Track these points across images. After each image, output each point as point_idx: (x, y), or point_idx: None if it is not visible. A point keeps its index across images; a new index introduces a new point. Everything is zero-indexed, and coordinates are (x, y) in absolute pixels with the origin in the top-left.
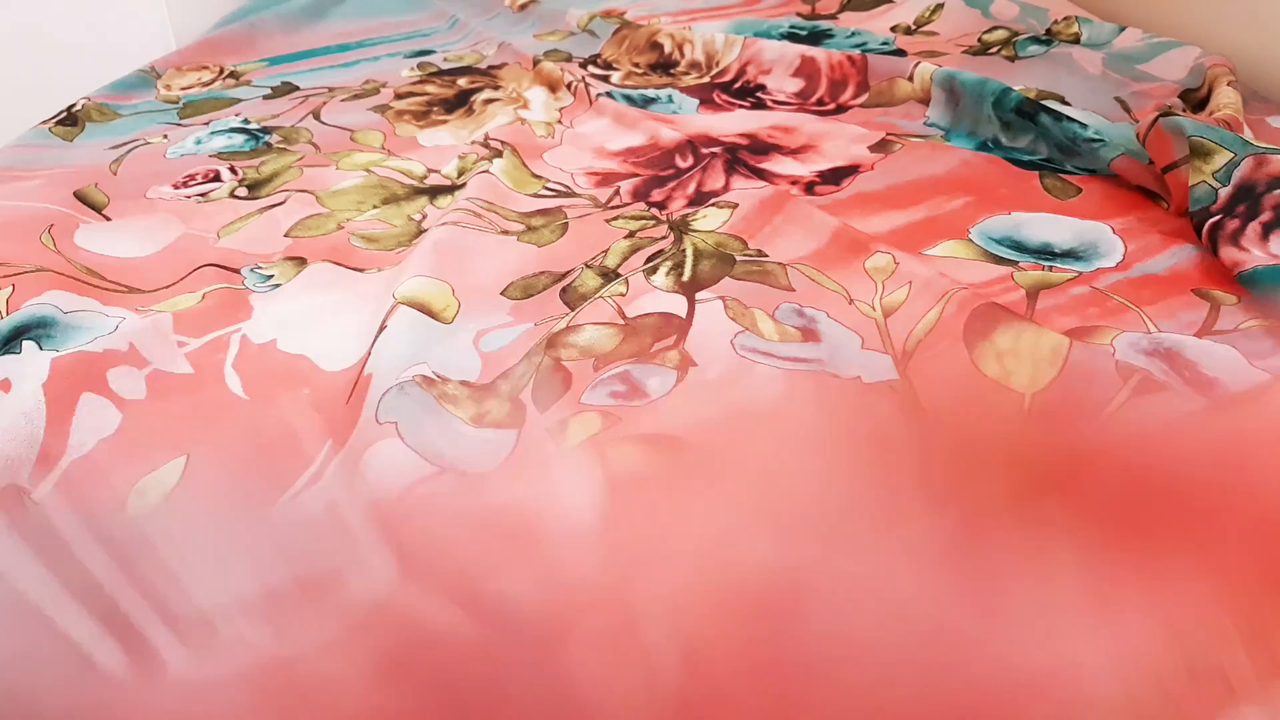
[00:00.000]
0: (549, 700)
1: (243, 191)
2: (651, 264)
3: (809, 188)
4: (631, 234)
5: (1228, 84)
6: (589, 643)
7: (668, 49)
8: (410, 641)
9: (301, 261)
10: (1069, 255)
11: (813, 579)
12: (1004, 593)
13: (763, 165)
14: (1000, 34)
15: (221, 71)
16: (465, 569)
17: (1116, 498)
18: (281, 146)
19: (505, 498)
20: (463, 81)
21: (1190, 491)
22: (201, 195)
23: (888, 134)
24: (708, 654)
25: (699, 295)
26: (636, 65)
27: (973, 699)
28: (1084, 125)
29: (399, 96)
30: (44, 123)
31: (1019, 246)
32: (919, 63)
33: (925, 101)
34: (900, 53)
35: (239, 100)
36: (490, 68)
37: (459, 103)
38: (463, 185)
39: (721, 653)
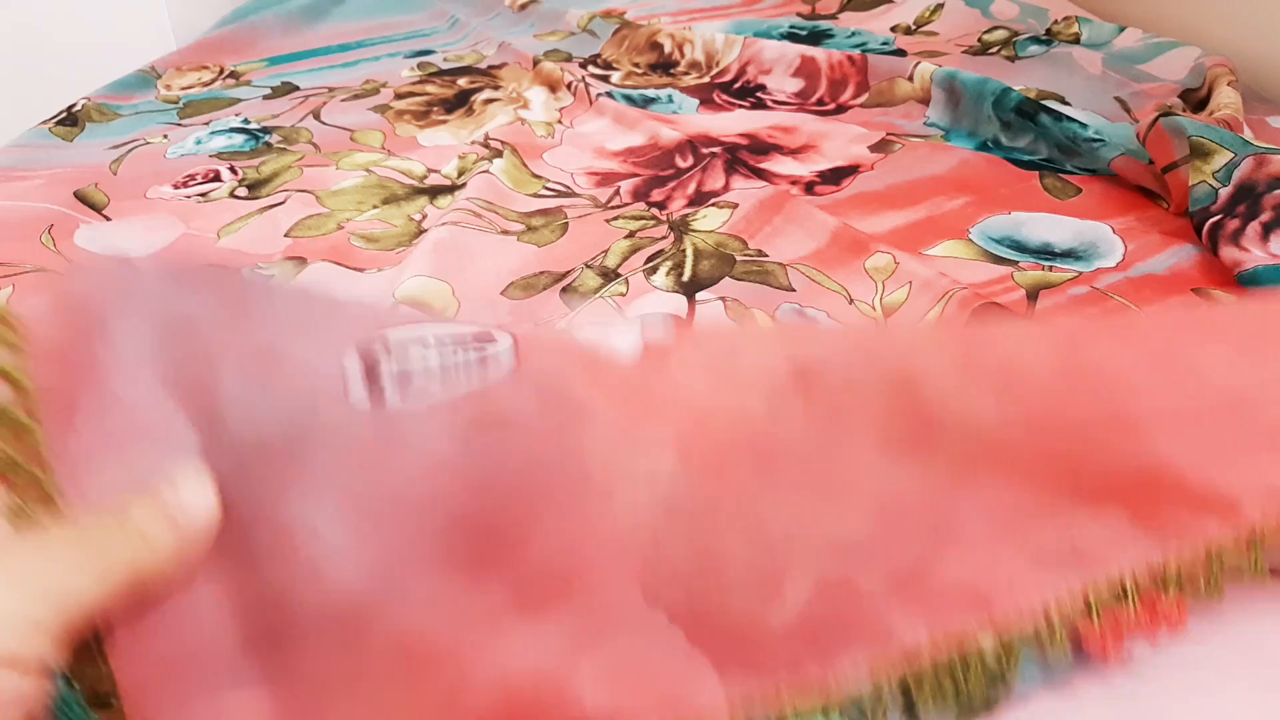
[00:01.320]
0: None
1: (243, 191)
2: (651, 264)
3: (809, 188)
4: (631, 234)
5: (1228, 84)
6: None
7: (668, 49)
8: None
9: (302, 261)
10: (1069, 255)
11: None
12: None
13: (763, 165)
14: (1000, 34)
15: (221, 71)
16: None
17: None
18: (281, 146)
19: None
20: (463, 81)
21: None
22: (201, 195)
23: (888, 134)
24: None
25: (699, 295)
26: (636, 65)
27: None
28: (1084, 125)
29: (399, 96)
30: (44, 123)
31: (1019, 246)
32: (919, 62)
33: (925, 101)
34: (900, 53)
35: (239, 100)
36: (490, 68)
37: (459, 103)
38: (463, 185)
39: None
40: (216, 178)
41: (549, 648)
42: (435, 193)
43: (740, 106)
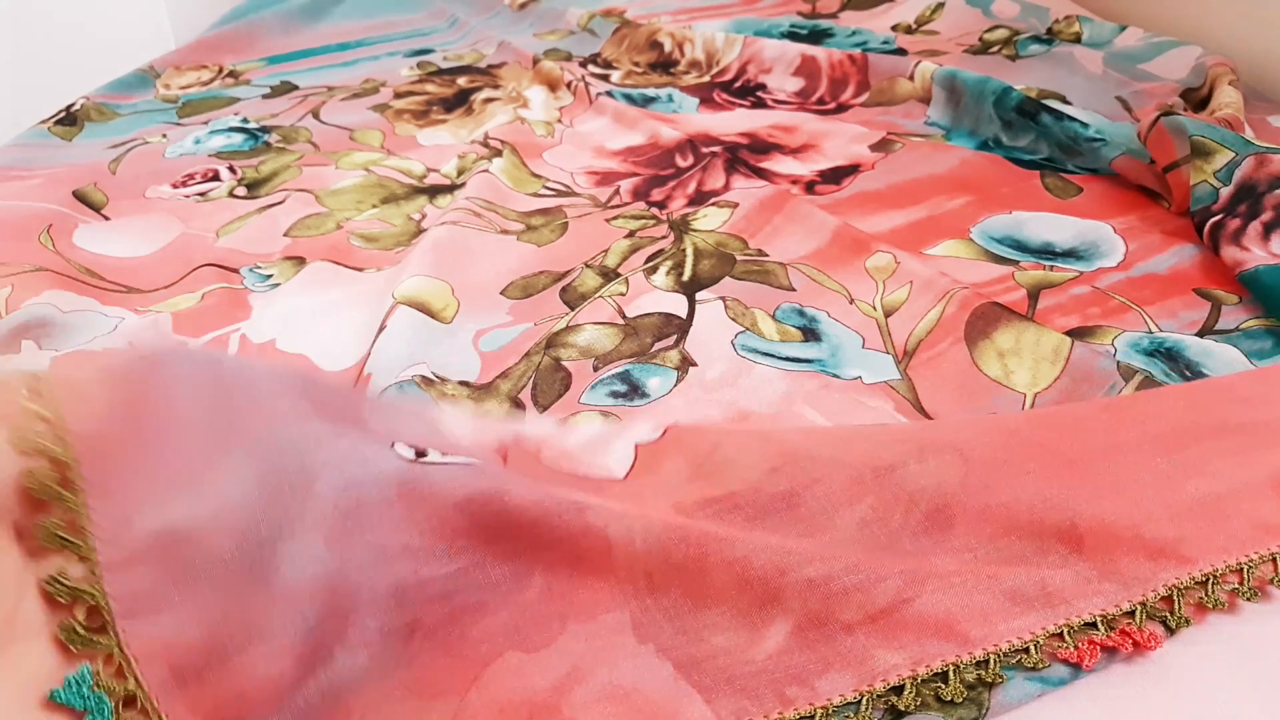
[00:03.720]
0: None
1: (242, 191)
2: (651, 263)
3: (809, 187)
4: (631, 233)
5: (1229, 83)
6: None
7: (668, 48)
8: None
9: (301, 261)
10: (1070, 254)
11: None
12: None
13: (763, 164)
14: (1001, 33)
15: (220, 71)
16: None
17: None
18: (280, 146)
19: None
20: (462, 81)
21: None
22: (200, 195)
23: (888, 133)
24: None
25: (699, 295)
26: (636, 64)
27: None
28: (1085, 124)
29: (398, 95)
30: (43, 122)
31: (1020, 246)
32: (920, 62)
33: (926, 100)
34: (901, 52)
35: (238, 99)
36: (490, 67)
37: (458, 102)
38: (462, 184)
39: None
40: (215, 177)
41: (545, 678)
42: (434, 192)
43: (740, 105)
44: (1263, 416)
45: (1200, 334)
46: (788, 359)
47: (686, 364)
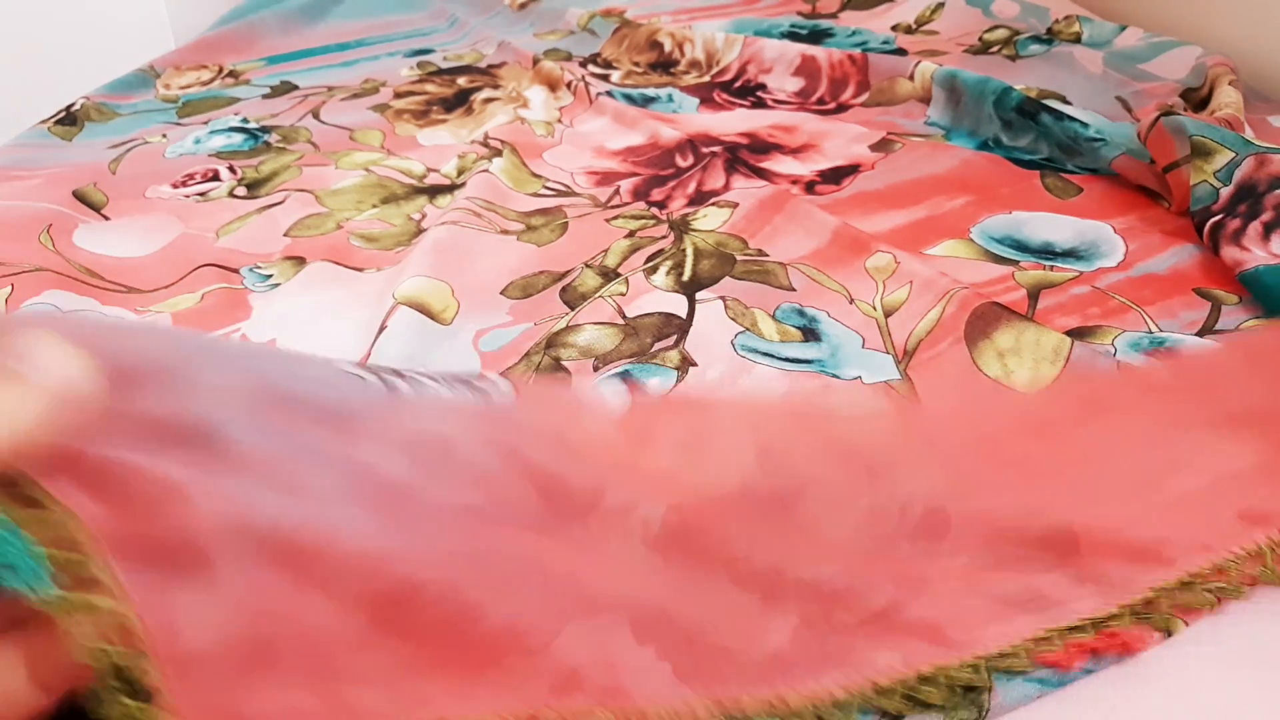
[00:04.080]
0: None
1: (242, 191)
2: (651, 263)
3: (809, 187)
4: (631, 233)
5: (1229, 83)
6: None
7: (668, 48)
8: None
9: (301, 261)
10: (1070, 254)
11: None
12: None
13: (763, 164)
14: (1001, 33)
15: (220, 71)
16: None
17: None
18: (280, 146)
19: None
20: (462, 80)
21: None
22: (200, 195)
23: (888, 133)
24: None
25: (699, 295)
26: (636, 64)
27: None
28: (1085, 124)
29: (398, 95)
30: (43, 122)
31: (1020, 246)
32: (920, 62)
33: (926, 101)
34: (901, 52)
35: (238, 99)
36: (490, 67)
37: (458, 102)
38: (462, 184)
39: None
40: (215, 177)
41: (543, 681)
42: (435, 192)
43: (740, 105)
44: (1248, 402)
45: (1200, 334)
46: (788, 359)
47: (686, 364)
